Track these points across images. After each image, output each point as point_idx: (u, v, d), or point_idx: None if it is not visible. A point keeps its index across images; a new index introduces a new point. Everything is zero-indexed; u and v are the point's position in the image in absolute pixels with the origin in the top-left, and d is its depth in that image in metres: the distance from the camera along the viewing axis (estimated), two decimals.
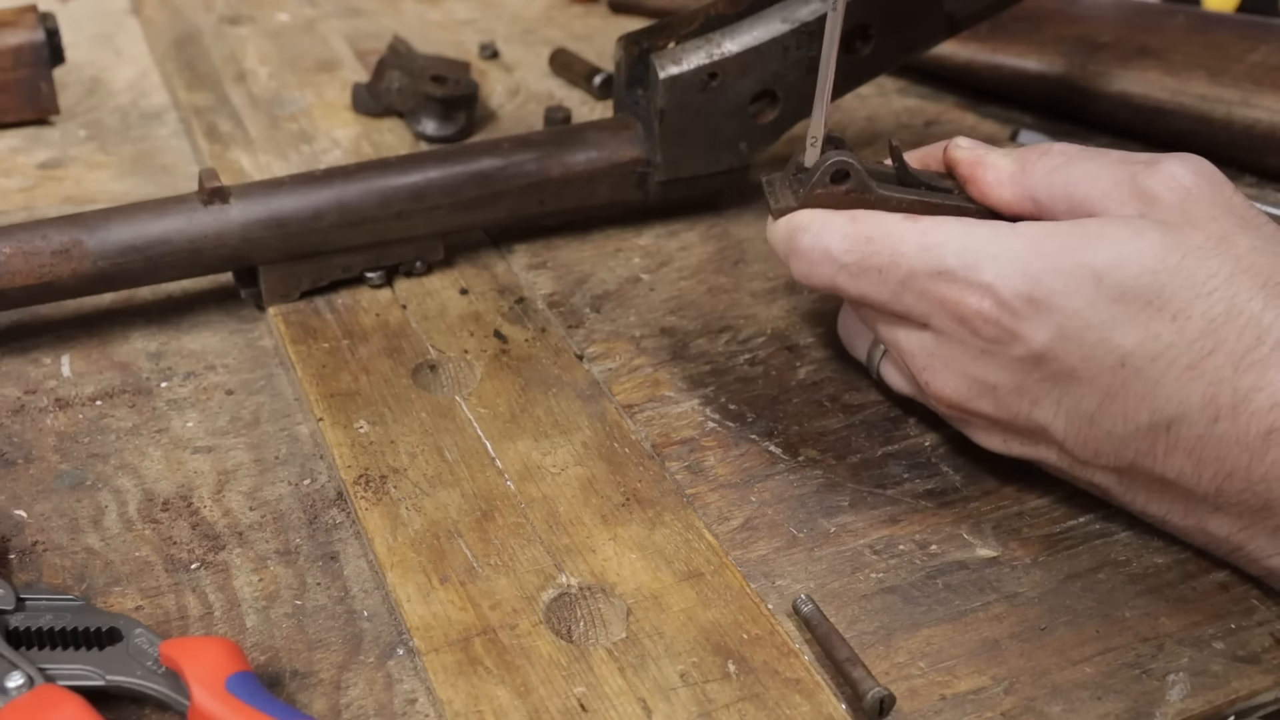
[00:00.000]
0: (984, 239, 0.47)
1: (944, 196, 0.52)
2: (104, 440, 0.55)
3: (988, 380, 0.49)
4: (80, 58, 0.87)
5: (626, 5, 0.99)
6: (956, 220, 0.49)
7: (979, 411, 0.50)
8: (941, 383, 0.50)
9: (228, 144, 0.76)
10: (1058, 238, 0.46)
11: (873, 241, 0.50)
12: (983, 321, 0.47)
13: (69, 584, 0.48)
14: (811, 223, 0.51)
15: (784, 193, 0.54)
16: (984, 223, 0.48)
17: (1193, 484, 0.46)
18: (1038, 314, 0.46)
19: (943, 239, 0.48)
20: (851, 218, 0.51)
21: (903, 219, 0.50)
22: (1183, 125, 0.77)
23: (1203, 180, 0.47)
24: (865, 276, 0.50)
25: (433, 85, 0.77)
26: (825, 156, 0.51)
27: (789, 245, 0.53)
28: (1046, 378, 0.47)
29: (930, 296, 0.48)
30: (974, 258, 0.47)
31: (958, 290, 0.48)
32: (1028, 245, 0.47)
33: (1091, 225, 0.46)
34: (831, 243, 0.51)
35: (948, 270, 0.48)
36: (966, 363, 0.49)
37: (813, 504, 0.52)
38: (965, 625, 0.47)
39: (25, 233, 0.58)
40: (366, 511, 0.51)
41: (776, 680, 0.44)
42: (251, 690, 0.41)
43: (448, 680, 0.44)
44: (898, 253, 0.49)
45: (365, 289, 0.64)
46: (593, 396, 0.57)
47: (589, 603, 0.47)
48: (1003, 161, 0.51)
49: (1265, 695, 0.45)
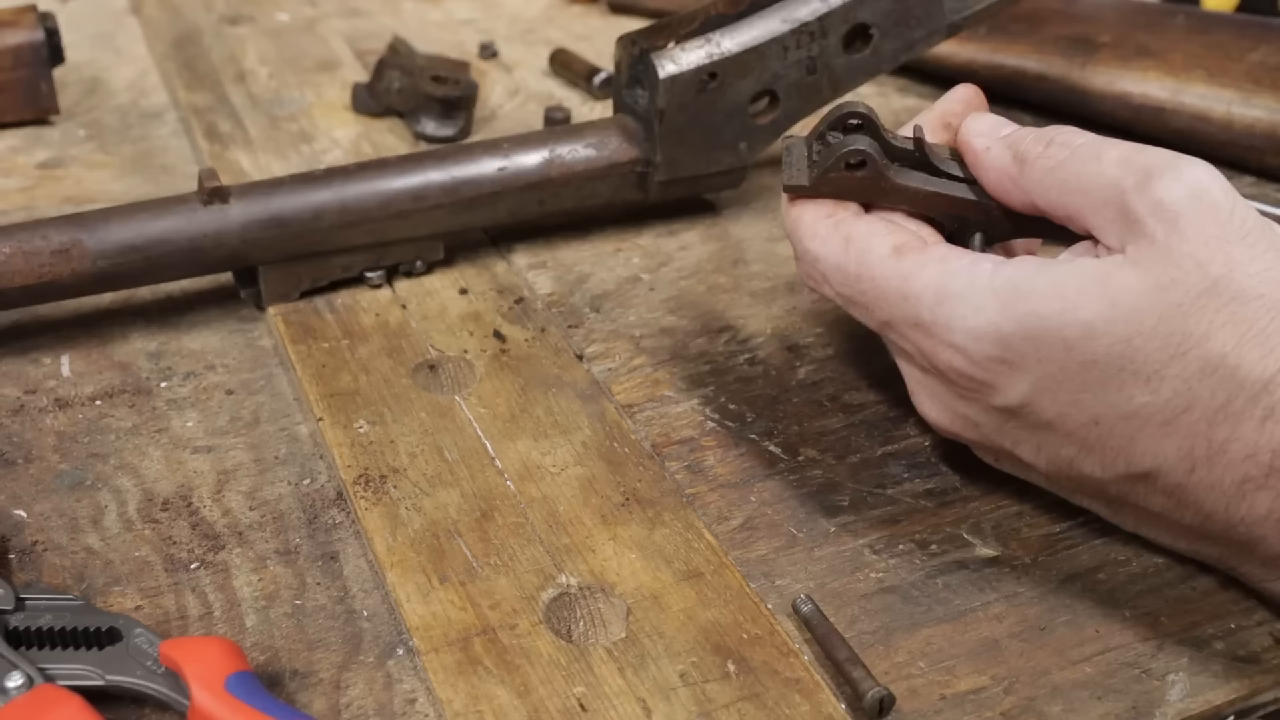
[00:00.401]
0: (958, 294, 0.46)
1: (959, 187, 0.51)
2: (104, 440, 0.55)
3: (970, 417, 0.49)
4: (80, 57, 0.87)
5: (626, 5, 0.99)
6: (938, 264, 0.47)
7: (965, 439, 0.51)
8: (928, 409, 0.51)
9: (227, 144, 0.76)
10: (1030, 300, 0.44)
11: (860, 280, 0.49)
12: (956, 375, 0.47)
13: (69, 584, 0.48)
14: (814, 235, 0.51)
15: (800, 163, 0.52)
16: (964, 269, 0.46)
17: (1176, 518, 0.46)
18: (1010, 373, 0.46)
19: (920, 289, 0.47)
20: (845, 241, 0.50)
21: (890, 256, 0.48)
22: (1182, 125, 0.77)
23: (1197, 204, 0.43)
24: (855, 308, 0.50)
25: (433, 85, 0.77)
26: (844, 141, 0.50)
27: (794, 245, 0.53)
28: (1023, 427, 0.47)
29: (910, 340, 0.48)
30: (946, 316, 0.46)
31: (932, 344, 0.47)
32: (1000, 306, 0.45)
33: (1069, 285, 0.44)
34: (827, 269, 0.50)
35: (923, 324, 0.47)
36: (949, 400, 0.49)
37: (813, 504, 0.52)
38: (965, 625, 0.47)
39: (25, 233, 0.58)
40: (366, 511, 0.51)
41: (776, 680, 0.44)
42: (251, 690, 0.41)
43: (447, 680, 0.44)
44: (881, 296, 0.48)
45: (365, 289, 0.64)
46: (592, 396, 0.57)
47: (589, 602, 0.47)
48: (1002, 159, 0.49)
49: (1265, 695, 0.45)
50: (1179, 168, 0.44)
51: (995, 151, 0.50)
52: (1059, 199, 0.47)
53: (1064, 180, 0.47)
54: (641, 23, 0.90)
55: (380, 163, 0.63)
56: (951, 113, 0.54)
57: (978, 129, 0.51)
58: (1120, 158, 0.46)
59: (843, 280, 0.50)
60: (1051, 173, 0.48)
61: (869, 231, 0.50)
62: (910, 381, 0.51)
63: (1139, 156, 0.45)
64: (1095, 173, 0.46)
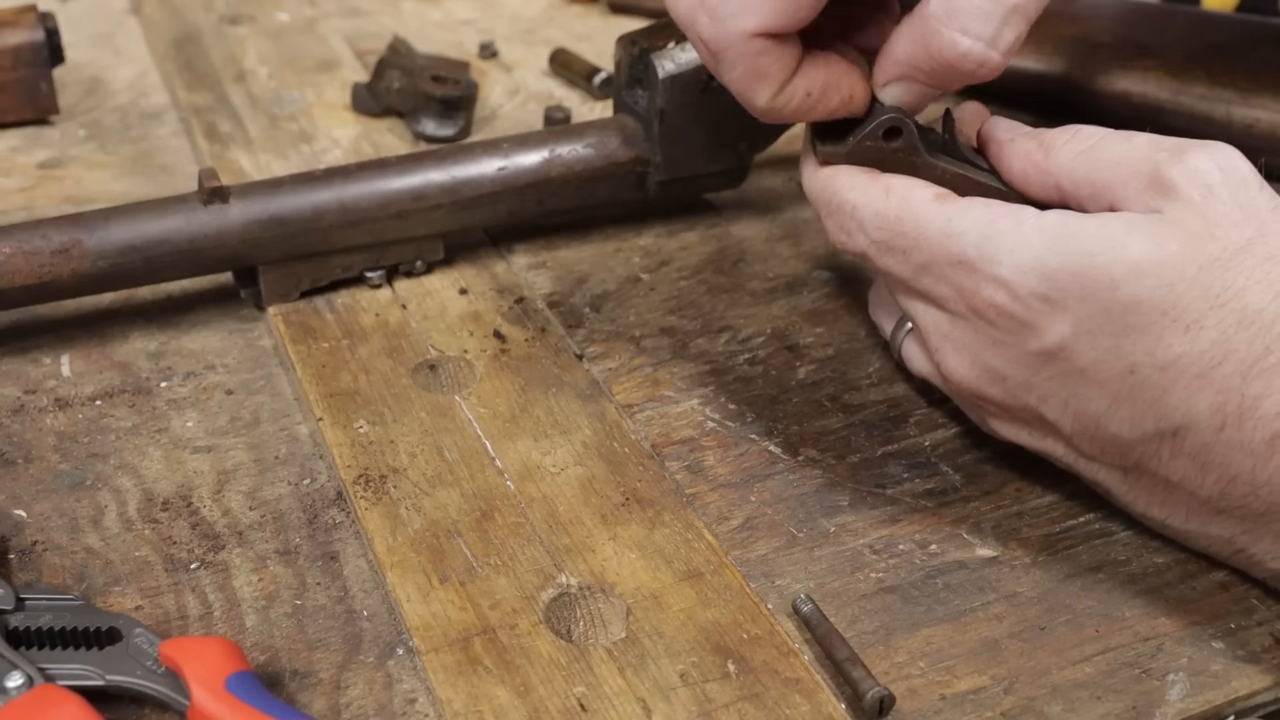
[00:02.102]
0: (1005, 230, 0.47)
1: (986, 175, 0.51)
2: (104, 440, 0.55)
3: (998, 369, 0.48)
4: (80, 58, 0.87)
5: (626, 5, 0.99)
6: (983, 207, 0.48)
7: (988, 397, 0.50)
8: (953, 364, 0.50)
9: (227, 144, 0.76)
10: (1079, 239, 0.45)
11: (901, 222, 0.49)
12: (996, 314, 0.47)
13: (69, 584, 0.48)
14: (853, 186, 0.51)
15: (830, 135, 0.52)
16: (1010, 211, 0.48)
17: (1196, 487, 0.46)
18: (1052, 312, 0.46)
19: (965, 228, 0.48)
20: (886, 190, 0.50)
21: (933, 200, 0.49)
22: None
23: (1228, 177, 0.46)
24: (891, 254, 0.50)
25: (433, 85, 0.77)
26: (881, 109, 0.51)
27: (827, 201, 0.52)
28: (1056, 376, 0.47)
29: (948, 282, 0.48)
30: (993, 250, 0.47)
31: (975, 280, 0.47)
32: (1049, 243, 0.46)
33: (1115, 227, 0.45)
34: (865, 215, 0.50)
35: (967, 260, 0.47)
36: (979, 349, 0.49)
37: (812, 504, 0.52)
38: (965, 625, 0.47)
39: (25, 233, 0.58)
40: (366, 511, 0.51)
41: (776, 680, 0.44)
42: (251, 690, 0.41)
43: (447, 680, 0.44)
44: (922, 237, 0.49)
45: (365, 289, 0.64)
46: (592, 396, 0.57)
47: (589, 602, 0.47)
48: (1028, 147, 0.50)
49: (1265, 695, 0.45)
50: (1210, 146, 0.47)
51: (1019, 141, 0.51)
52: (1086, 176, 0.48)
53: (1095, 158, 0.48)
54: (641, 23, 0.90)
55: (380, 163, 0.63)
56: (963, 121, 0.54)
57: (1000, 126, 0.52)
58: (1149, 139, 0.48)
59: (881, 224, 0.50)
60: (1081, 154, 0.49)
61: (910, 182, 0.50)
62: (935, 336, 0.50)
63: (1168, 139, 0.48)
64: (1126, 150, 0.48)
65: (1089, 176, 0.48)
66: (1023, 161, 0.50)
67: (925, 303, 0.51)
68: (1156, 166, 0.46)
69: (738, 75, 0.50)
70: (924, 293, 0.50)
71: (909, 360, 0.55)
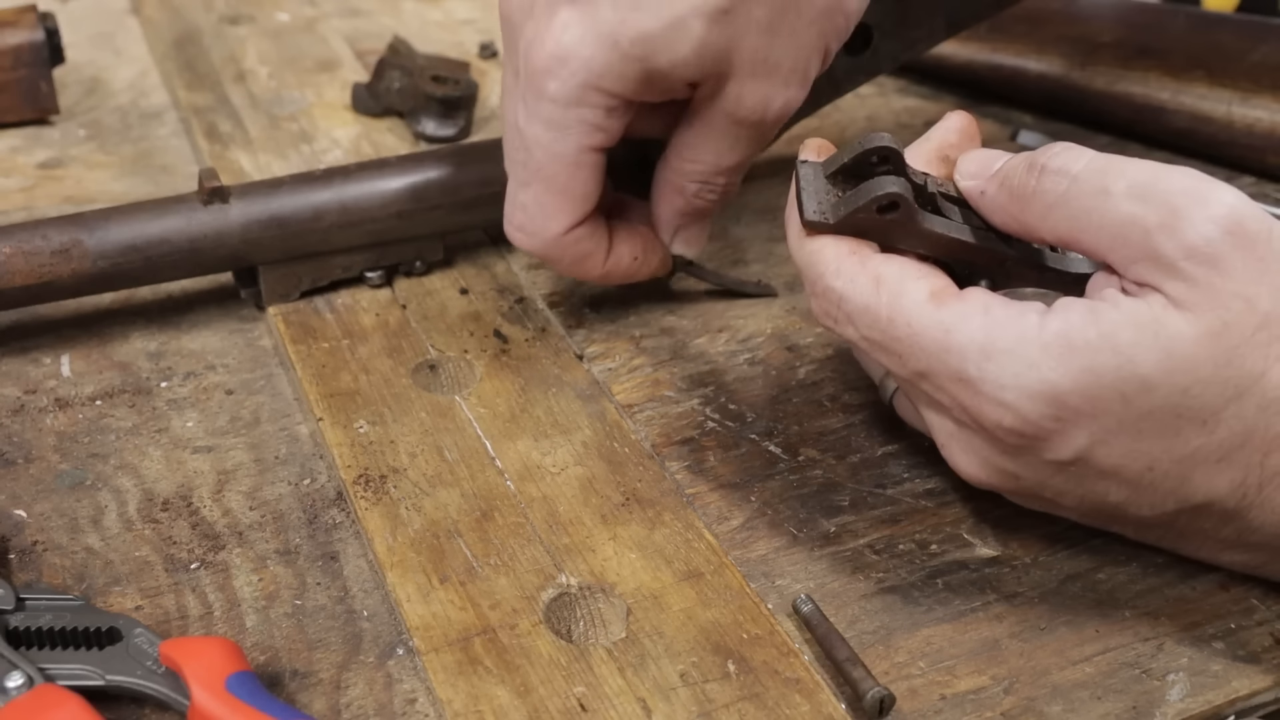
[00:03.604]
0: (1007, 349, 0.43)
1: (980, 235, 0.48)
2: (104, 440, 0.55)
3: (1010, 471, 0.46)
4: (80, 57, 0.87)
5: None
6: (982, 314, 0.44)
7: (1000, 488, 0.48)
8: (962, 463, 0.47)
9: (227, 144, 0.76)
10: (1085, 355, 0.42)
11: (894, 325, 0.45)
12: (1005, 433, 0.44)
13: (69, 584, 0.48)
14: (839, 273, 0.47)
15: (820, 196, 0.48)
16: (1010, 320, 0.44)
17: (1214, 534, 0.46)
18: (1064, 430, 0.43)
19: (964, 343, 0.44)
20: (876, 282, 0.46)
21: (927, 302, 0.45)
22: (1183, 125, 0.77)
23: (1234, 239, 0.41)
24: (885, 354, 0.46)
25: (433, 85, 0.77)
26: (878, 183, 0.46)
27: (812, 283, 0.48)
28: (1073, 477, 0.45)
29: (950, 395, 0.45)
30: (995, 372, 0.43)
31: (978, 401, 0.44)
32: (1053, 363, 0.42)
33: (1121, 336, 0.42)
34: (853, 309, 0.46)
35: (968, 379, 0.44)
36: (988, 454, 0.46)
37: (813, 504, 0.52)
38: (965, 625, 0.47)
39: (25, 233, 0.58)
40: (366, 511, 0.51)
41: (776, 680, 0.44)
42: (251, 690, 0.41)
43: (447, 680, 0.44)
44: (918, 345, 0.45)
45: (365, 289, 0.64)
46: (592, 396, 0.57)
47: (589, 602, 0.47)
48: (998, 200, 0.47)
49: (1265, 695, 0.46)
50: (1206, 201, 0.42)
51: (990, 194, 0.47)
52: (1069, 236, 0.45)
53: (1071, 217, 0.44)
54: None
55: (380, 163, 0.63)
56: (948, 144, 0.50)
57: (967, 171, 0.48)
58: (1132, 190, 0.43)
59: (871, 324, 0.46)
60: (1054, 209, 0.45)
61: (901, 274, 0.46)
62: (940, 434, 0.48)
63: (1156, 188, 0.43)
64: (1106, 209, 0.43)
65: (1072, 236, 0.45)
66: (1002, 216, 0.47)
67: (927, 404, 0.48)
68: (1147, 238, 0.42)
69: (568, 264, 0.57)
70: (925, 395, 0.47)
71: (902, 412, 0.53)
